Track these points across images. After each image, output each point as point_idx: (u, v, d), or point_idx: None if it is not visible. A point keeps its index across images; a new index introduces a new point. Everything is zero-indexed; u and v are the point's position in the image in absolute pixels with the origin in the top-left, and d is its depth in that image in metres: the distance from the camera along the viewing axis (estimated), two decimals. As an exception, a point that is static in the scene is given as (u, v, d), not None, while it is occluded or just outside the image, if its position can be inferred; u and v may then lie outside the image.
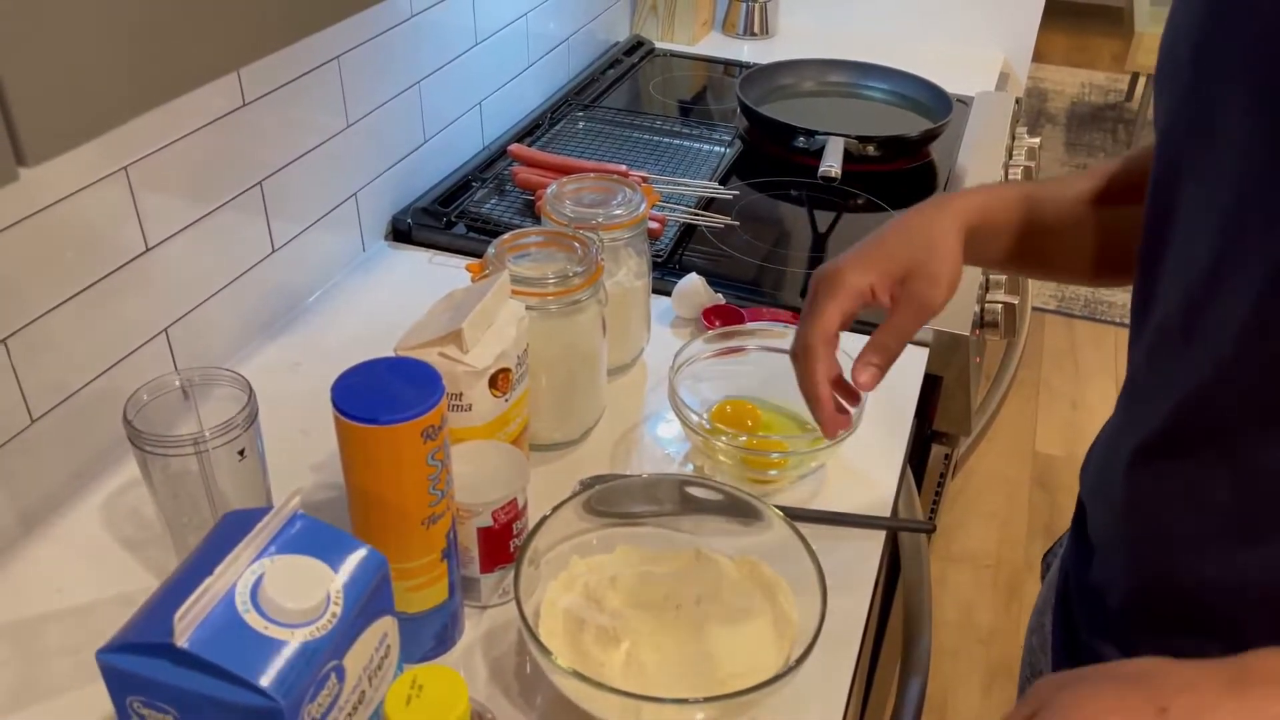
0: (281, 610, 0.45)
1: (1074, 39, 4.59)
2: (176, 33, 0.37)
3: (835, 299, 0.69)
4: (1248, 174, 0.48)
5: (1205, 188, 0.52)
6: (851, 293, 0.68)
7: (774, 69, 1.49)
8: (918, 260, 0.67)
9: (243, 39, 0.40)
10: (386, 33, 1.06)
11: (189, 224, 0.85)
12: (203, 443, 0.62)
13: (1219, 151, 0.50)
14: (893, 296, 0.69)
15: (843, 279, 0.68)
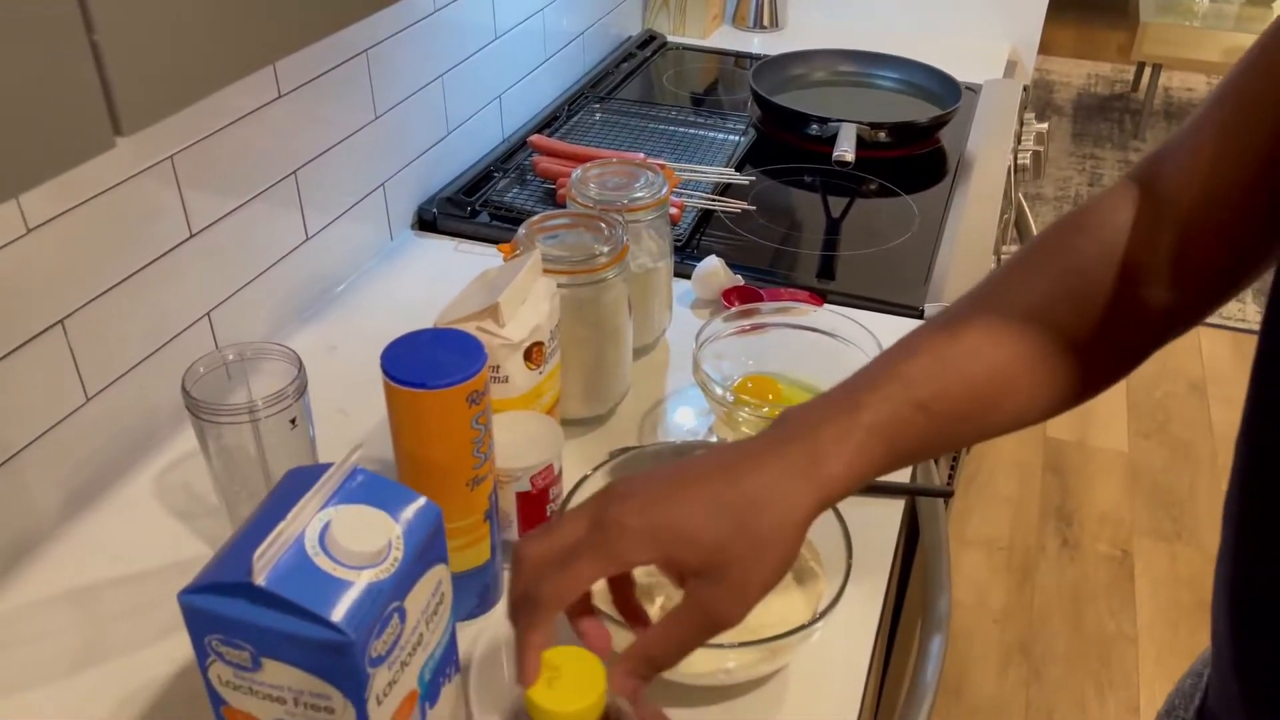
0: (348, 553, 0.48)
1: (1080, 31, 4.61)
2: (260, 7, 0.41)
3: (598, 562, 0.48)
4: None
5: None
6: (619, 563, 0.48)
7: (786, 59, 1.52)
8: (728, 557, 0.48)
9: (318, 14, 0.43)
10: (410, 27, 1.09)
11: (228, 212, 0.89)
12: (256, 411, 0.65)
13: None
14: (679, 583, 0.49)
15: (615, 545, 0.48)
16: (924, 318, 1.02)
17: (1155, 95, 3.81)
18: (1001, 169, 1.33)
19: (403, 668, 0.51)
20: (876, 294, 1.05)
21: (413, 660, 0.52)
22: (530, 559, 0.49)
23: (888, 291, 1.06)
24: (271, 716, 0.50)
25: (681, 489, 0.49)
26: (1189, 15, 3.63)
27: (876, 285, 1.07)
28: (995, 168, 1.32)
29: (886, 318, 1.02)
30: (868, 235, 1.18)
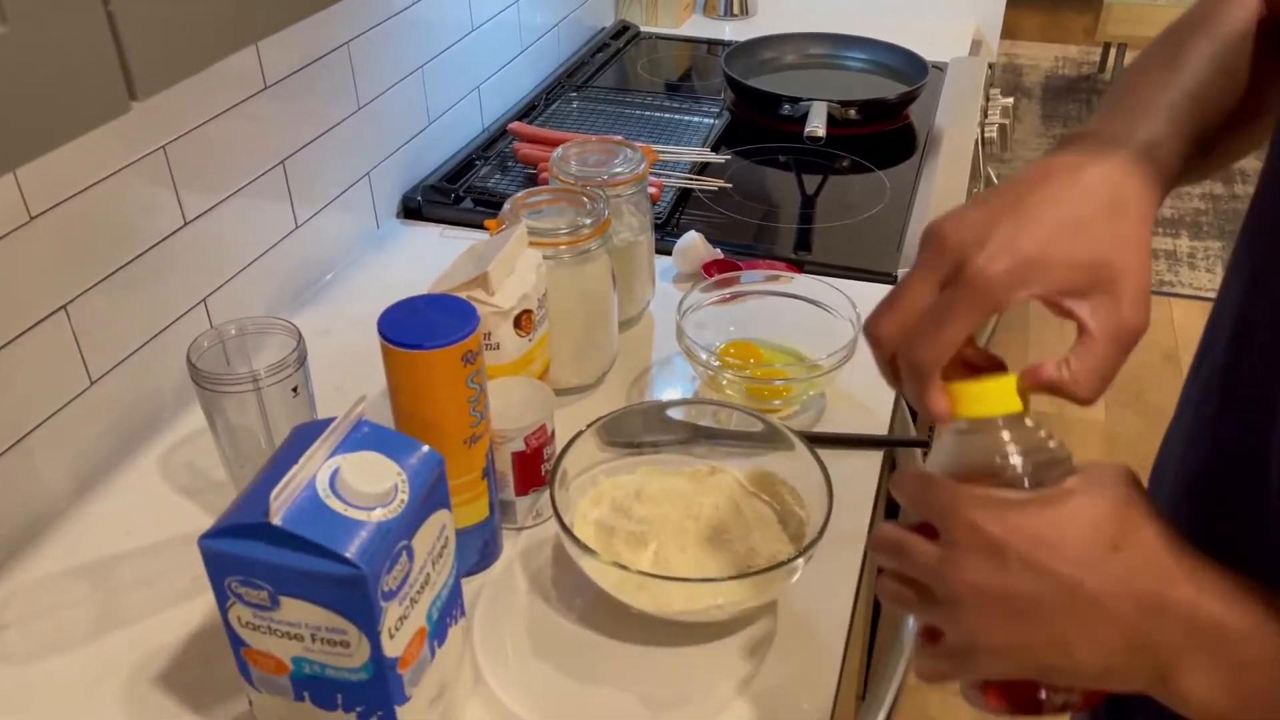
0: (358, 495, 0.51)
1: (1046, 15, 4.67)
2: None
3: (974, 314, 0.45)
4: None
5: None
6: (997, 309, 0.46)
7: (757, 43, 1.56)
8: (1115, 269, 0.46)
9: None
10: (389, 20, 1.12)
11: (220, 200, 0.91)
12: (260, 380, 0.68)
13: None
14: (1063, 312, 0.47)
15: (989, 295, 0.45)
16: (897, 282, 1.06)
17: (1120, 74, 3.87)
18: (969, 143, 1.37)
19: (412, 604, 0.54)
20: (851, 263, 1.09)
21: (421, 598, 0.55)
22: (890, 333, 0.48)
23: (862, 260, 1.09)
24: (290, 654, 0.53)
25: (1028, 218, 0.46)
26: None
27: (851, 255, 1.11)
28: (963, 141, 1.36)
29: (861, 284, 1.05)
30: (841, 209, 1.22)
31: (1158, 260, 2.95)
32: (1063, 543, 0.42)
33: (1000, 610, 0.43)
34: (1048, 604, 0.42)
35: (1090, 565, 0.42)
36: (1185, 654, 0.41)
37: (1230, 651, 0.41)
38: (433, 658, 0.58)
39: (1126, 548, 0.42)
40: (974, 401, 0.48)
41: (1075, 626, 0.42)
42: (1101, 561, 0.42)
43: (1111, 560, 0.42)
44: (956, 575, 0.44)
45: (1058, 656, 0.43)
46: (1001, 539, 0.43)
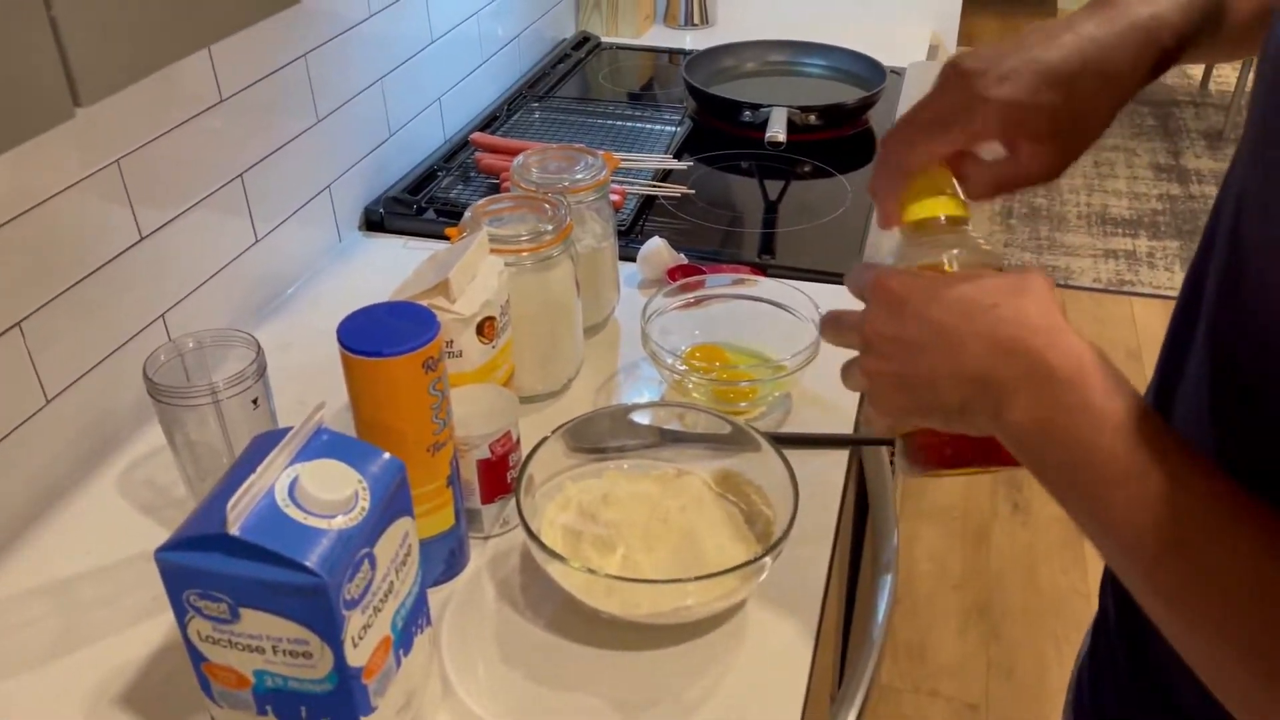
0: (318, 502, 0.50)
1: (1002, 19, 4.74)
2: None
3: (956, 128, 0.56)
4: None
5: None
6: (978, 126, 0.56)
7: (717, 52, 1.57)
8: (1059, 128, 0.56)
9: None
10: (348, 32, 1.11)
11: (178, 215, 0.91)
12: (218, 393, 0.67)
13: None
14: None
15: (986, 105, 0.54)
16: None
17: (1078, 80, 3.93)
18: (928, 145, 1.38)
19: (375, 613, 0.53)
20: (815, 265, 1.10)
21: (385, 607, 0.54)
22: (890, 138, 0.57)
23: (825, 262, 1.10)
24: (252, 668, 0.52)
25: (1026, 62, 0.54)
26: (1105, 1, 3.76)
27: (814, 258, 1.11)
28: (922, 144, 1.37)
29: (825, 286, 1.06)
30: (804, 213, 1.23)
31: (1117, 259, 3.00)
32: (950, 299, 0.50)
33: (892, 350, 0.52)
34: (926, 345, 0.50)
35: (966, 315, 0.49)
36: (1018, 390, 0.47)
37: (1053, 395, 0.46)
38: (399, 667, 0.57)
39: (1003, 306, 0.49)
40: (919, 207, 0.56)
41: (942, 362, 0.50)
42: (977, 313, 0.49)
43: (986, 313, 0.49)
44: (868, 326, 0.53)
45: (929, 393, 0.51)
46: (902, 295, 0.52)
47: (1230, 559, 0.41)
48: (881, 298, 0.53)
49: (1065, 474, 0.47)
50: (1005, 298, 0.49)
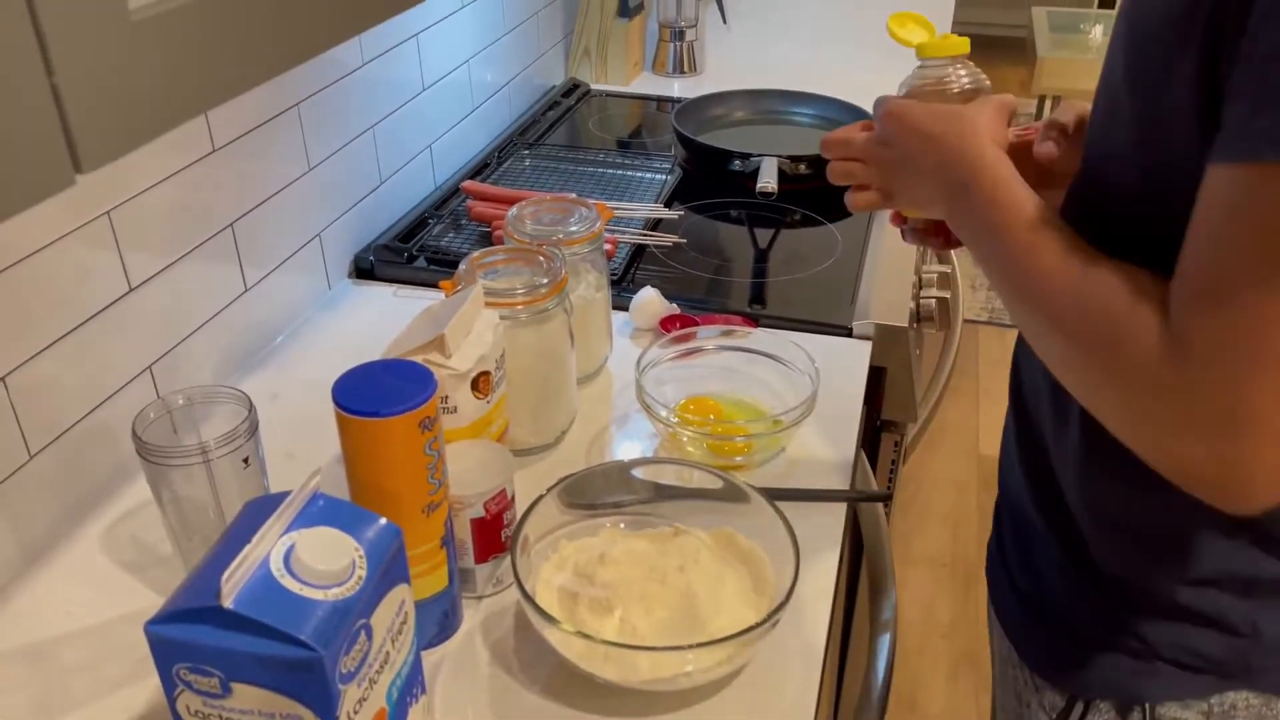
0: (313, 573, 0.49)
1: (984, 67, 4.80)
2: (215, 46, 0.43)
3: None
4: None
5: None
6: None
7: (706, 100, 1.58)
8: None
9: (271, 54, 0.46)
10: (340, 81, 1.11)
11: (167, 265, 0.89)
12: (209, 452, 0.66)
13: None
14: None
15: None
16: (852, 335, 1.06)
17: (1057, 125, 3.99)
18: (917, 194, 1.39)
19: (371, 685, 0.52)
20: (806, 316, 1.10)
21: (380, 678, 0.53)
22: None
23: (817, 313, 1.10)
24: (242, 743, 0.50)
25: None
26: (1083, 49, 3.82)
27: (806, 308, 1.11)
28: (911, 193, 1.38)
29: (818, 337, 1.06)
30: (795, 262, 1.23)
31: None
32: (936, 116, 0.70)
33: (894, 154, 0.73)
34: (916, 148, 0.71)
35: (927, 138, 0.70)
36: (957, 190, 0.67)
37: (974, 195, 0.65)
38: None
39: (949, 134, 0.69)
40: (933, 47, 0.76)
41: (921, 154, 0.70)
42: (935, 137, 0.69)
43: (939, 138, 0.69)
44: (873, 139, 0.74)
45: (919, 184, 0.72)
46: (901, 111, 0.72)
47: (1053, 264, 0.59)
48: (887, 114, 0.73)
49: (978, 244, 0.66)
50: (952, 125, 0.69)
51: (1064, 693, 0.72)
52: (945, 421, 2.49)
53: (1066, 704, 0.72)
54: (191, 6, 0.43)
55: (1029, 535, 0.76)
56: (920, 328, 1.20)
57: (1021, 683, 0.76)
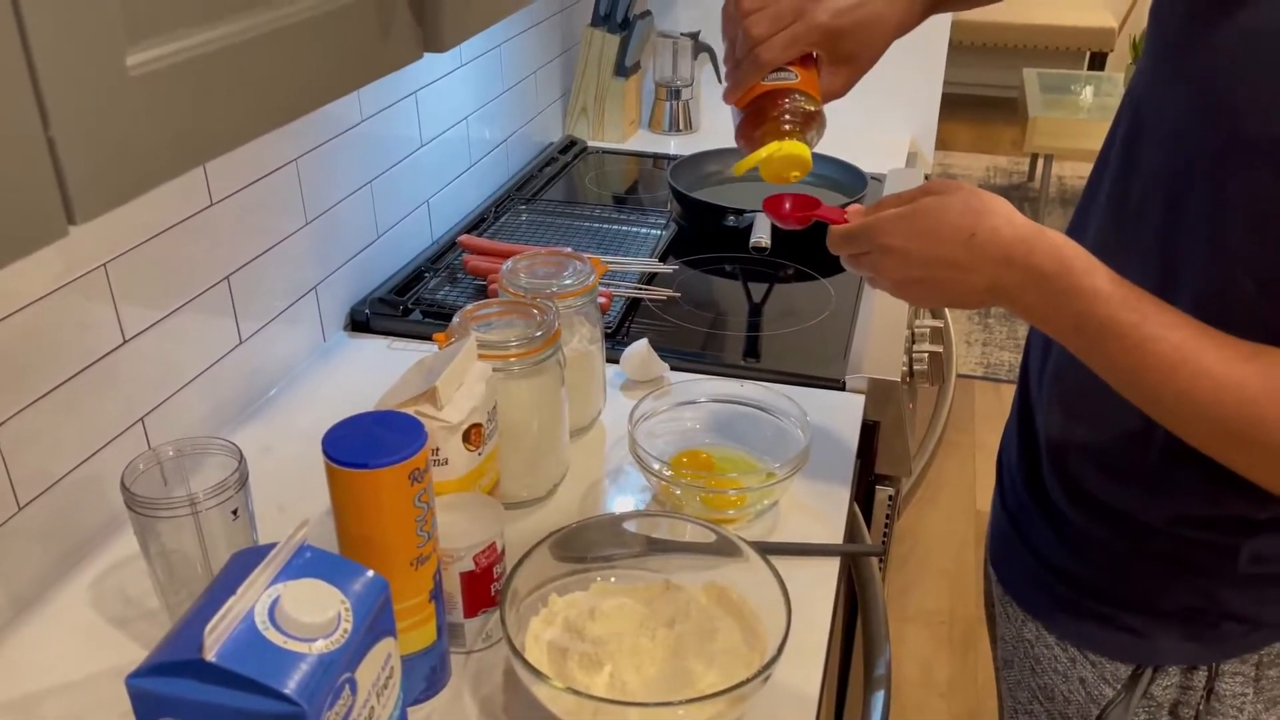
0: (298, 625, 0.48)
1: (977, 128, 4.89)
2: (211, 101, 0.44)
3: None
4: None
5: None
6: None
7: (701, 158, 1.60)
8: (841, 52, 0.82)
9: (262, 111, 0.47)
10: (339, 136, 1.13)
11: (163, 317, 0.90)
12: (198, 504, 0.66)
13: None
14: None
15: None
16: (845, 389, 1.07)
17: (1050, 184, 4.04)
18: (909, 250, 1.40)
19: (355, 741, 0.51)
20: (800, 369, 1.10)
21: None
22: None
23: (810, 367, 1.10)
24: (223, 801, 0.50)
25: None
26: (1074, 109, 3.89)
27: (799, 362, 1.12)
28: (903, 249, 1.40)
29: (811, 391, 1.06)
30: (788, 316, 1.24)
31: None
32: (940, 239, 0.68)
33: (912, 283, 0.71)
34: (938, 277, 0.69)
35: (962, 245, 0.67)
36: (1023, 289, 0.66)
37: (1049, 286, 0.65)
38: (377, 797, 0.54)
39: (980, 232, 0.66)
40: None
41: (960, 280, 0.68)
42: (965, 246, 0.67)
43: (974, 240, 0.67)
44: (884, 274, 0.72)
45: (947, 299, 0.71)
46: (904, 247, 0.70)
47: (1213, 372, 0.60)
48: (890, 250, 0.70)
49: (1074, 335, 0.65)
50: (979, 222, 0.66)
51: (1127, 663, 0.77)
52: (942, 477, 2.49)
53: (1133, 674, 0.77)
54: (189, 63, 0.44)
55: (1061, 518, 0.80)
56: (913, 382, 1.20)
57: (1065, 662, 0.81)
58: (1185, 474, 0.70)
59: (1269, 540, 0.71)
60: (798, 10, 0.78)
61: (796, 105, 0.79)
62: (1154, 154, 0.71)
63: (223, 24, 0.46)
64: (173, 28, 0.43)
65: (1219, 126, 0.64)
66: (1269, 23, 0.61)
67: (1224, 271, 0.65)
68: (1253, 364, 0.60)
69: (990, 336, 3.18)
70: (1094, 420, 0.76)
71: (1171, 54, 0.69)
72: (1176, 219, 0.69)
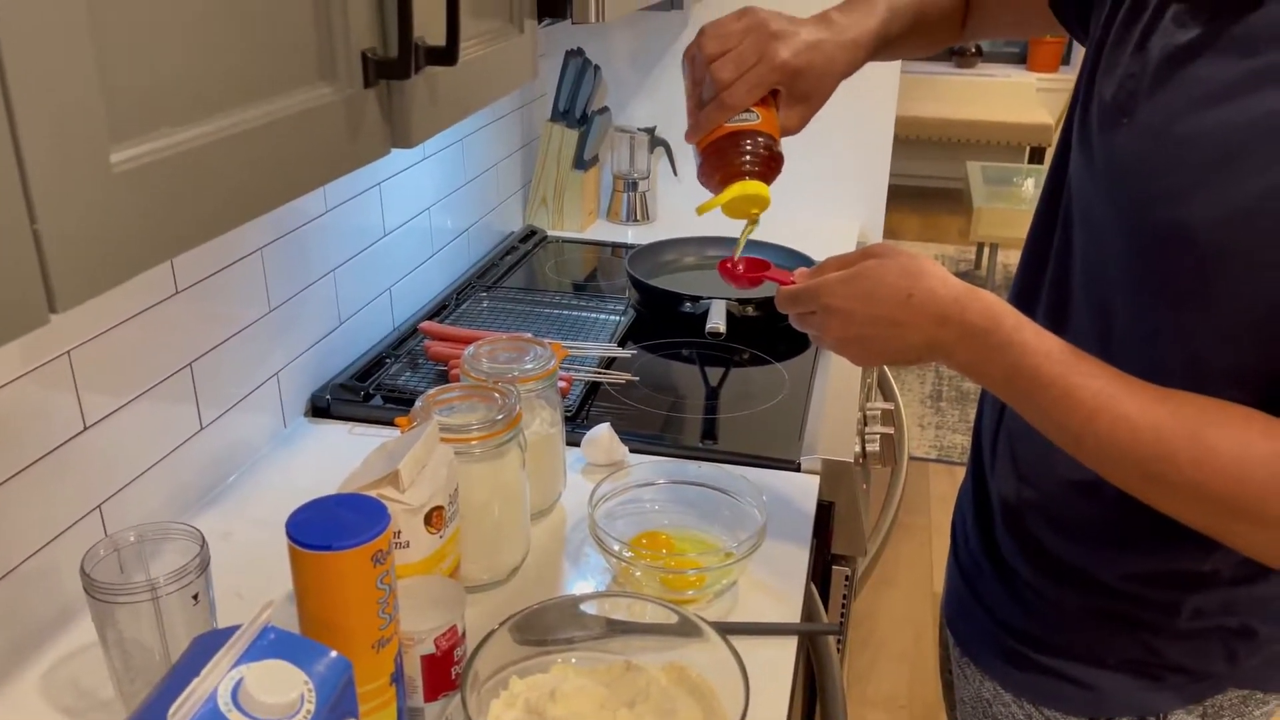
0: (261, 706, 0.49)
1: (925, 217, 5.05)
2: (191, 195, 0.46)
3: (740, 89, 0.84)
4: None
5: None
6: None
7: (658, 246, 1.65)
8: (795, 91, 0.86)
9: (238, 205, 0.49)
10: (304, 226, 1.15)
11: (124, 404, 0.90)
12: (158, 589, 0.66)
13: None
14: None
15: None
16: (800, 470, 1.09)
17: (996, 271, 4.17)
18: (860, 335, 1.44)
19: (316, 825, 0.51)
20: (756, 451, 1.12)
21: (325, 818, 0.52)
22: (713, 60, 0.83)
23: (766, 448, 1.13)
24: None
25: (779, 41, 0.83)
26: (1016, 200, 4.04)
27: (756, 443, 1.14)
28: (855, 334, 1.44)
29: (768, 472, 1.08)
30: (744, 399, 1.26)
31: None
32: (881, 297, 0.72)
33: (854, 340, 0.75)
34: (878, 335, 0.73)
35: (899, 304, 0.71)
36: (957, 345, 0.70)
37: (982, 342, 0.69)
38: None
39: (917, 293, 0.71)
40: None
41: (897, 338, 0.72)
42: (905, 300, 0.71)
43: (910, 300, 0.71)
44: (828, 332, 0.76)
45: (895, 355, 0.74)
46: (847, 308, 0.74)
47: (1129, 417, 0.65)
48: (833, 310, 0.74)
49: (1005, 386, 0.70)
50: (915, 283, 0.71)
51: (1081, 716, 0.80)
52: (899, 559, 2.50)
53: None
54: (169, 159, 0.46)
55: (1013, 575, 0.83)
56: (867, 463, 1.23)
57: (1021, 718, 0.83)
58: (1133, 529, 0.74)
59: (1209, 595, 0.74)
60: (759, 51, 0.81)
61: (758, 146, 0.82)
62: (1083, 245, 0.76)
63: (203, 123, 0.48)
64: (156, 127, 0.46)
65: (1135, 218, 0.69)
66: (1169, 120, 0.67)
67: (1157, 350, 0.70)
68: (1165, 406, 0.65)
69: (943, 420, 3.24)
70: (1044, 479, 0.80)
71: (1090, 150, 0.74)
72: (1104, 300, 0.74)
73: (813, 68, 0.83)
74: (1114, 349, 0.71)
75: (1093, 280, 0.76)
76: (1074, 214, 0.78)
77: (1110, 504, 0.74)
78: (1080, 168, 0.76)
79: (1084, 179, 0.75)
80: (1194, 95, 0.66)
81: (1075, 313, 0.78)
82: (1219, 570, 0.74)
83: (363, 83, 0.61)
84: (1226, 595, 0.75)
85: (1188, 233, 0.65)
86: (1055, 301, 0.80)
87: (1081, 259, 0.77)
